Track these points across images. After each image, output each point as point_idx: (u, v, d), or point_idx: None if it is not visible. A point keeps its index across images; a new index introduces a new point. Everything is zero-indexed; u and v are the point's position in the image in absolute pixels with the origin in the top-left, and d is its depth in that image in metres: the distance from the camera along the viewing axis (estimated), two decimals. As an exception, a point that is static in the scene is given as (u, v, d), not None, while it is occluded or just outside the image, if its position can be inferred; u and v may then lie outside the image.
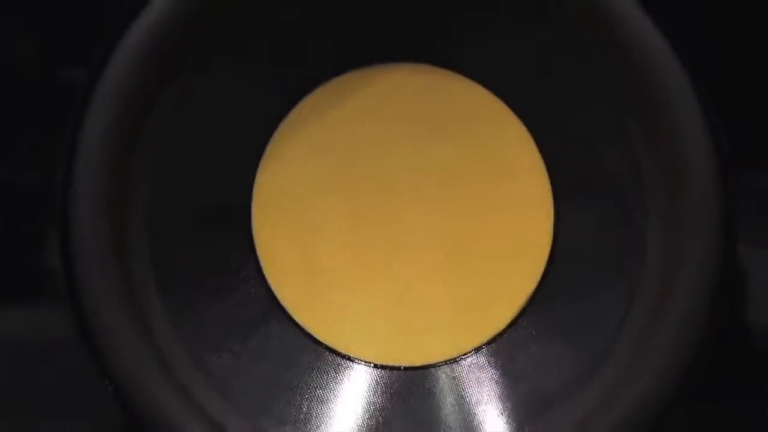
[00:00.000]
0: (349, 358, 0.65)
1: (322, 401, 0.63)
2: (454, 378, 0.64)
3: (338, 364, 0.64)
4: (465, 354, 0.64)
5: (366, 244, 0.65)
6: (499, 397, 0.63)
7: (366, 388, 0.64)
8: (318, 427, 0.62)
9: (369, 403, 0.64)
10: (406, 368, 0.64)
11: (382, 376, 0.64)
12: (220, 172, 0.64)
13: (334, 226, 0.65)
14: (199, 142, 0.63)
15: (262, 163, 0.64)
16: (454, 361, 0.64)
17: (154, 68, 0.60)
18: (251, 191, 0.64)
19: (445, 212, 0.64)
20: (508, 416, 0.62)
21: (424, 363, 0.64)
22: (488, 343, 0.64)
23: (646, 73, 0.58)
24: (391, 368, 0.64)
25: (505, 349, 0.64)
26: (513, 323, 0.63)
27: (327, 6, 0.62)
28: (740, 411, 0.62)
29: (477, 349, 0.64)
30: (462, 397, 0.63)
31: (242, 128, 0.64)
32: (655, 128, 0.59)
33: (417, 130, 0.64)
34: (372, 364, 0.64)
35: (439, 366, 0.64)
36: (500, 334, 0.64)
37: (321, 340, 0.64)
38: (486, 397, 0.63)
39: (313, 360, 0.64)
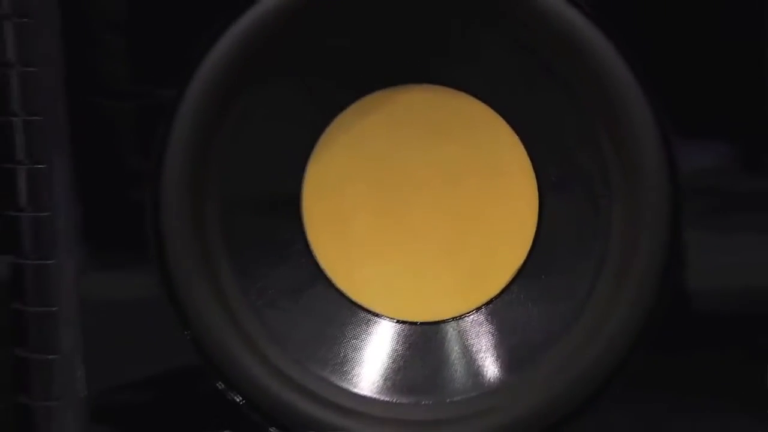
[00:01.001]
0: (377, 315, 0.67)
1: (355, 349, 0.67)
2: (459, 332, 0.67)
3: (368, 320, 0.67)
4: (468, 312, 0.67)
5: (388, 225, 0.68)
6: (495, 346, 0.66)
7: (389, 339, 0.67)
8: (352, 369, 0.66)
9: (392, 351, 0.67)
10: (422, 323, 0.67)
11: (402, 330, 0.67)
12: (277, 167, 0.66)
13: (363, 211, 0.67)
14: (261, 143, 0.65)
15: (310, 160, 0.67)
16: (460, 318, 0.67)
17: (226, 88, 0.63)
18: (302, 183, 0.67)
19: (451, 200, 0.67)
20: (502, 362, 0.65)
21: (436, 319, 0.67)
22: (486, 304, 0.66)
23: (608, 91, 0.60)
24: (410, 323, 0.67)
25: (499, 309, 0.66)
26: (505, 289, 0.66)
27: (360, 43, 0.64)
28: (684, 359, 0.62)
29: (477, 309, 0.66)
30: (465, 347, 0.66)
31: (295, 134, 0.66)
32: (617, 135, 0.61)
33: (427, 135, 0.66)
34: (395, 320, 0.67)
35: (447, 322, 0.67)
36: (496, 298, 0.66)
37: (355, 301, 0.67)
38: (484, 347, 0.66)
39: (348, 316, 0.67)
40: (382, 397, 0.65)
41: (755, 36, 0.60)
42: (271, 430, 0.65)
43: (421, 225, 0.68)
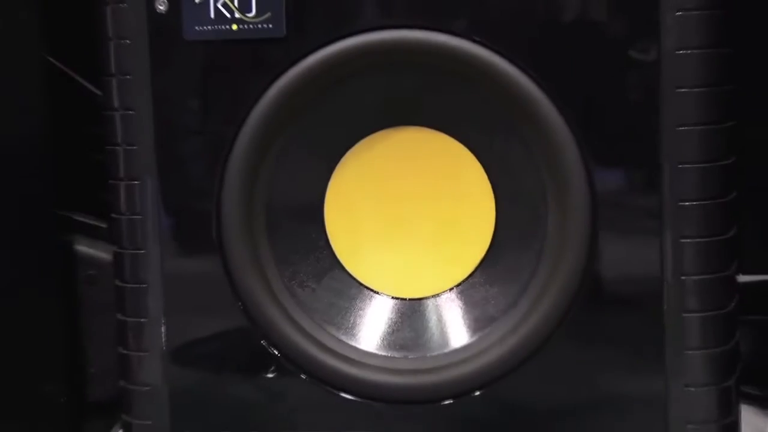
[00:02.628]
0: (377, 293, 0.69)
1: (362, 316, 0.68)
2: (436, 305, 0.68)
3: (371, 296, 0.69)
4: (443, 291, 0.68)
5: (386, 227, 0.69)
6: (463, 317, 0.67)
7: (386, 310, 0.69)
8: (359, 332, 0.67)
9: (387, 319, 0.69)
10: (410, 299, 0.69)
11: (395, 304, 0.69)
12: (307, 185, 0.68)
13: (368, 216, 0.69)
14: (294, 167, 0.67)
15: (331, 180, 0.68)
16: (437, 295, 0.68)
17: (269, 128, 0.65)
18: (324, 196, 0.68)
19: (432, 210, 0.68)
20: (468, 327, 0.67)
21: (420, 296, 0.69)
22: (457, 285, 0.68)
23: (547, 135, 0.63)
24: (401, 299, 0.69)
25: (466, 289, 0.68)
26: (471, 275, 0.68)
27: (367, 98, 0.66)
28: (599, 324, 0.64)
29: (450, 289, 0.68)
30: (441, 317, 0.68)
31: (319, 161, 0.68)
32: (552, 165, 0.63)
33: (415, 161, 0.67)
34: (390, 296, 0.69)
35: (428, 298, 0.68)
36: (464, 281, 0.68)
37: (361, 282, 0.69)
38: (455, 317, 0.68)
39: (356, 293, 0.69)
40: (380, 352, 0.67)
41: (650, 97, 0.61)
42: (302, 376, 0.66)
43: (410, 227, 0.68)
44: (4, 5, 0.76)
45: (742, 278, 0.66)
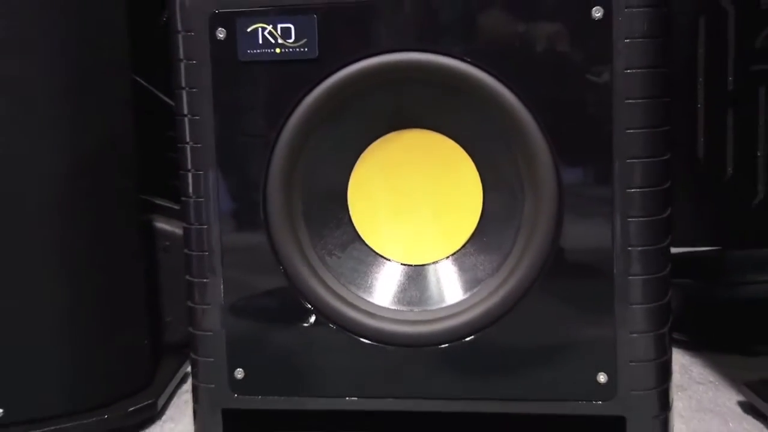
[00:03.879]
0: (389, 260, 0.70)
1: (377, 279, 0.69)
2: (436, 270, 0.69)
3: (384, 263, 0.70)
4: (441, 259, 0.69)
5: (397, 207, 0.69)
6: (456, 279, 0.68)
7: (396, 274, 0.70)
8: (375, 290, 0.69)
9: (398, 281, 0.69)
10: (415, 265, 0.69)
11: (404, 269, 0.70)
12: (334, 175, 0.69)
13: (383, 199, 0.69)
14: (325, 161, 0.68)
15: (353, 171, 0.69)
16: (436, 262, 0.69)
17: (303, 131, 0.66)
18: (348, 183, 0.69)
19: (434, 193, 0.68)
20: (460, 287, 0.68)
21: (423, 263, 0.69)
22: (452, 254, 0.69)
23: (524, 137, 0.64)
24: (408, 265, 0.70)
25: (459, 258, 0.69)
26: (463, 246, 0.69)
27: (381, 106, 0.67)
28: (563, 288, 0.65)
29: (447, 257, 0.69)
30: (439, 279, 0.69)
31: (344, 156, 0.69)
32: (528, 161, 0.64)
33: (419, 156, 0.68)
34: (399, 263, 0.70)
35: (430, 264, 0.69)
36: (457, 251, 0.69)
37: (377, 251, 0.70)
38: (450, 280, 0.68)
39: (373, 261, 0.70)
40: (391, 307, 0.68)
41: (605, 107, 0.62)
42: (331, 325, 0.67)
43: (416, 208, 0.69)
44: (102, 39, 0.79)
45: (674, 250, 0.66)
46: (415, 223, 0.69)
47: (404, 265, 0.70)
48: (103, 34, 0.78)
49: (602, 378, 0.64)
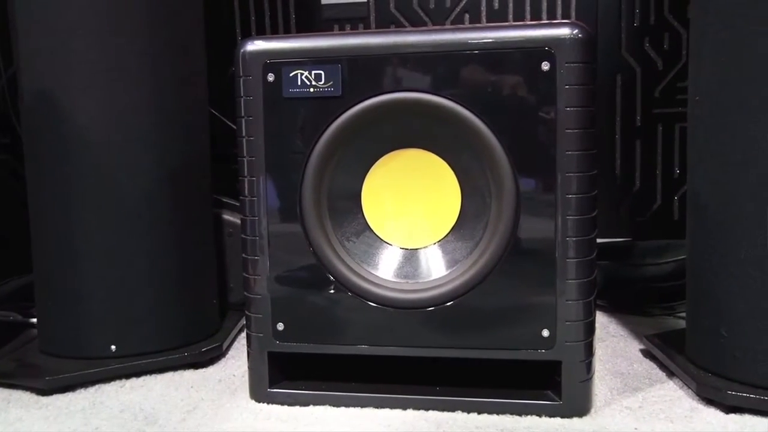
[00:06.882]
0: (391, 245, 0.67)
1: (382, 259, 0.66)
2: (426, 253, 0.66)
3: (387, 247, 0.67)
4: (430, 245, 0.66)
5: (398, 205, 0.66)
6: (441, 260, 0.65)
7: (396, 256, 0.67)
8: (380, 267, 0.65)
9: (397, 261, 0.66)
10: (411, 249, 0.67)
11: (403, 252, 0.67)
12: (351, 181, 0.66)
13: (388, 199, 0.66)
14: (345, 170, 0.65)
15: (366, 178, 0.66)
16: (426, 247, 0.66)
17: (329, 149, 0.64)
18: (362, 187, 0.66)
19: (425, 196, 0.66)
20: (443, 266, 0.65)
21: (417, 247, 0.66)
22: (438, 241, 0.66)
23: (489, 152, 0.61)
24: (406, 249, 0.67)
25: (443, 244, 0.66)
26: (446, 235, 0.66)
27: (384, 130, 0.64)
28: (520, 271, 0.62)
29: (434, 243, 0.66)
30: (428, 260, 0.66)
31: (359, 167, 0.66)
32: (494, 171, 0.62)
33: (415, 169, 0.65)
34: (399, 247, 0.67)
35: (421, 248, 0.66)
36: (442, 239, 0.66)
37: (382, 238, 0.67)
38: (436, 260, 0.66)
39: (379, 245, 0.67)
40: (393, 279, 0.65)
41: (551, 135, 0.60)
42: (348, 293, 0.64)
43: (412, 207, 0.66)
44: (189, 81, 0.80)
45: (599, 240, 0.65)
46: (411, 217, 0.67)
47: (402, 248, 0.68)
48: (190, 78, 0.80)
49: (545, 333, 0.63)
